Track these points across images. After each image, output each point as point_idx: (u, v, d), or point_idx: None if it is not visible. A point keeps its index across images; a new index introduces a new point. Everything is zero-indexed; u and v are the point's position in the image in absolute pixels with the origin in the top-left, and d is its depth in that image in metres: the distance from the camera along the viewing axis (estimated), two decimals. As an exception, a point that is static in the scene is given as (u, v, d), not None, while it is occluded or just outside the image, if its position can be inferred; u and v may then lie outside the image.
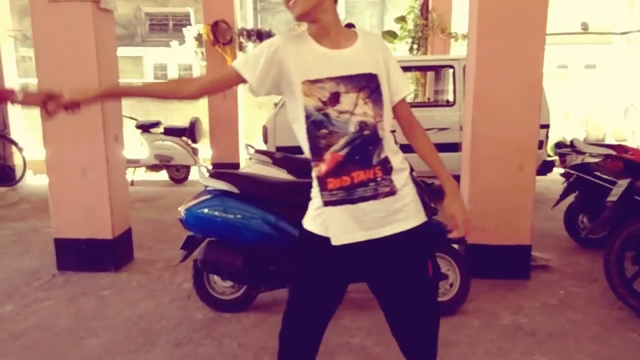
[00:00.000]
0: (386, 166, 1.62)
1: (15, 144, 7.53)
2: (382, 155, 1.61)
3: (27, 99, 1.67)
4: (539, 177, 5.83)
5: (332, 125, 1.59)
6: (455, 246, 3.36)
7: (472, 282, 3.26)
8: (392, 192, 1.62)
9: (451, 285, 3.19)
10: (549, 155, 6.29)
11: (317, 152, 1.61)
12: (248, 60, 1.65)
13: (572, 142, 4.62)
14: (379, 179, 1.60)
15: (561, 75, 11.39)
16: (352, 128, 1.59)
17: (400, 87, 1.72)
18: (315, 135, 1.60)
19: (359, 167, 1.59)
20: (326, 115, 1.59)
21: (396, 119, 1.76)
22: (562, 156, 4.69)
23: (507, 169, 3.63)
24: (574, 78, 11.46)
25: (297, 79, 1.59)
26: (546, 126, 5.68)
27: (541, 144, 5.64)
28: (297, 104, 1.61)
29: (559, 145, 5.66)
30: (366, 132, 1.59)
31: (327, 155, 1.60)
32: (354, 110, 1.59)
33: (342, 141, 1.59)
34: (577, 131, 10.43)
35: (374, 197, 1.60)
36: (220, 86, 1.74)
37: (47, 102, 1.62)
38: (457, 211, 1.72)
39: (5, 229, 5.30)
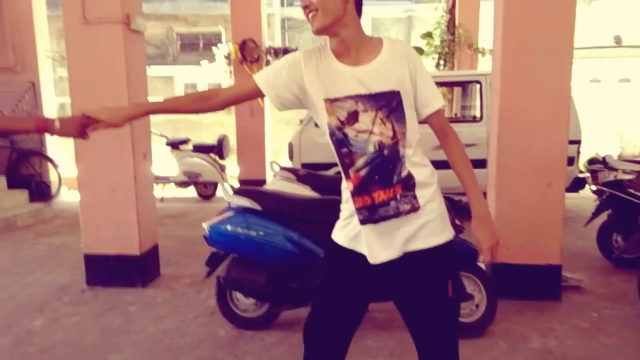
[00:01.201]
0: (408, 183, 1.60)
1: (51, 161, 7.79)
2: (404, 174, 1.59)
3: (64, 129, 1.73)
4: (570, 195, 5.70)
5: (350, 145, 1.59)
6: (482, 265, 3.29)
7: (499, 303, 3.17)
8: (414, 209, 1.60)
9: (477, 306, 3.11)
10: (581, 172, 6.12)
11: (344, 169, 1.63)
12: (269, 75, 1.67)
13: (604, 158, 4.50)
14: (399, 197, 1.59)
15: (594, 89, 11.12)
16: (371, 148, 1.58)
17: (431, 100, 1.65)
18: (339, 153, 1.62)
19: (379, 187, 1.58)
20: (345, 134, 1.59)
21: (432, 130, 1.71)
22: (593, 173, 4.57)
23: (535, 186, 3.55)
24: (608, 92, 11.17)
25: (318, 97, 1.60)
26: (577, 142, 5.54)
27: (572, 160, 5.51)
28: (322, 121, 1.62)
29: (591, 161, 5.51)
30: (385, 152, 1.57)
31: (351, 173, 1.61)
32: (372, 129, 1.57)
33: (361, 161, 1.59)
34: (612, 147, 10.13)
35: (396, 215, 1.59)
36: (244, 99, 1.78)
37: (85, 128, 1.71)
38: (483, 235, 1.66)
39: (40, 244, 5.47)
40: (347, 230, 1.69)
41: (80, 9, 3.77)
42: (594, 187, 4.60)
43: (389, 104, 1.58)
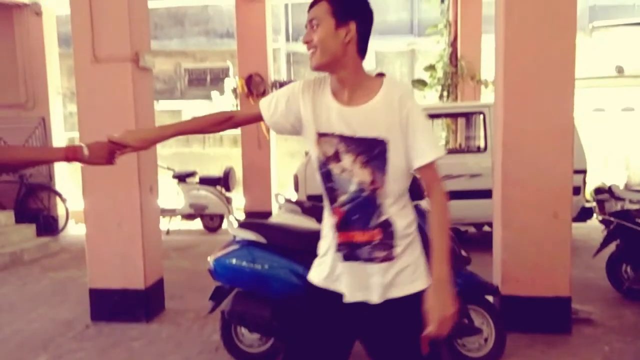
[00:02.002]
0: (387, 230, 1.58)
1: (60, 195, 7.86)
2: (382, 219, 1.57)
3: (93, 157, 1.70)
4: (578, 225, 5.64)
5: (333, 182, 1.60)
6: (490, 298, 3.24)
7: (508, 337, 3.12)
8: (389, 258, 1.58)
9: (486, 340, 3.06)
10: (588, 201, 6.08)
11: (329, 202, 1.63)
12: (271, 103, 1.71)
13: (610, 187, 4.48)
14: (375, 242, 1.57)
15: (598, 118, 11.16)
16: (352, 187, 1.58)
17: (425, 152, 1.55)
18: (326, 187, 1.63)
19: (358, 227, 1.58)
20: (329, 170, 1.60)
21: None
22: (600, 202, 4.54)
23: (541, 217, 3.53)
24: (612, 121, 11.21)
25: (312, 129, 1.62)
26: (583, 171, 5.52)
27: (578, 190, 5.48)
28: (313, 153, 1.65)
29: (598, 191, 5.48)
30: (364, 194, 1.57)
31: (334, 209, 1.61)
32: (353, 170, 1.57)
33: (343, 198, 1.59)
34: (618, 175, 10.09)
35: (370, 260, 1.58)
36: (253, 121, 1.85)
37: (112, 154, 1.72)
38: (437, 304, 1.51)
39: (46, 278, 5.47)
40: (321, 269, 1.68)
41: (90, 48, 3.87)
42: (601, 217, 4.56)
43: (370, 150, 1.54)
